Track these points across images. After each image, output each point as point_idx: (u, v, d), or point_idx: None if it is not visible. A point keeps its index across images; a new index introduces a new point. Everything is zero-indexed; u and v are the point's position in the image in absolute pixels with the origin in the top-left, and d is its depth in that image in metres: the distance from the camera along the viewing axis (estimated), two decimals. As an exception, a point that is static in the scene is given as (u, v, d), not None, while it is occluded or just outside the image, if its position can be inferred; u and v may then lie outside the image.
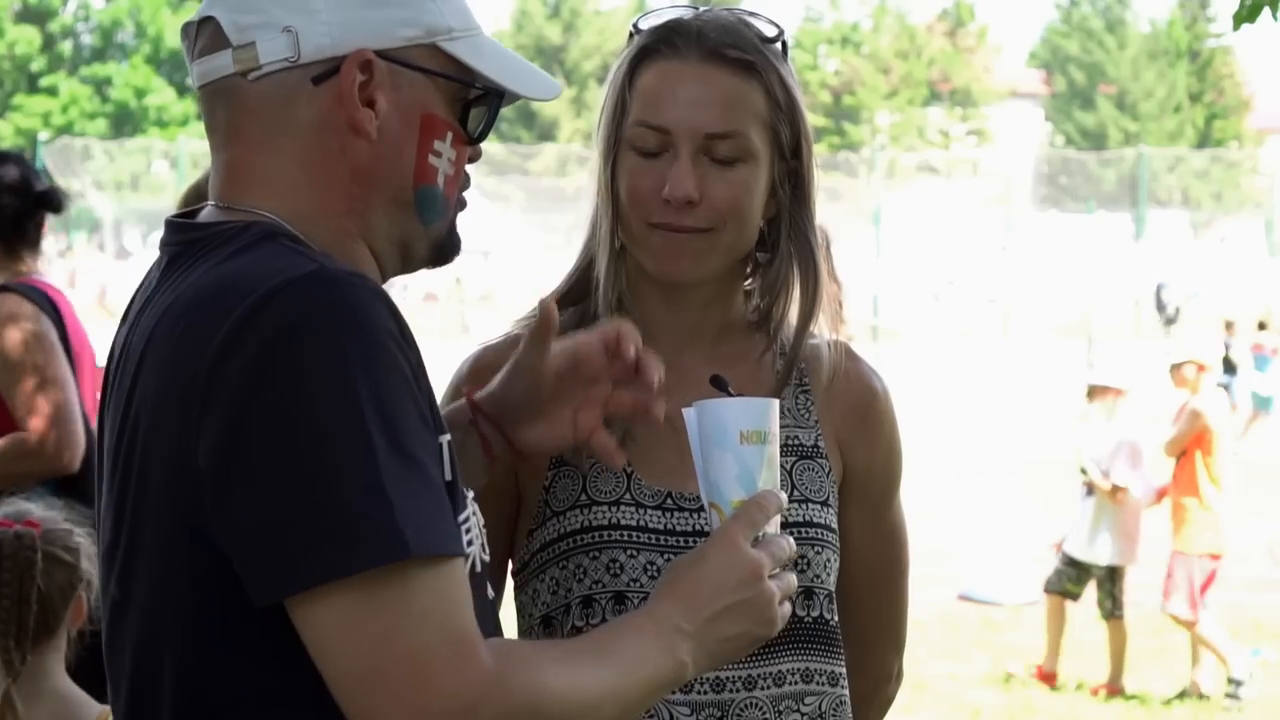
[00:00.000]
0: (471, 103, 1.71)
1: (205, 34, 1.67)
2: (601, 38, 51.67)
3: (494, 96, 1.72)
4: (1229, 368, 19.59)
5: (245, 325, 1.51)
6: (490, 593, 1.76)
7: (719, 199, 2.03)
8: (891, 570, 2.22)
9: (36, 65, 47.55)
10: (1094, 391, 8.45)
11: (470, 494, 1.71)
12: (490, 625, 1.68)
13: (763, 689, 2.05)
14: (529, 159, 40.34)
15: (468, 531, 1.64)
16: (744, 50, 2.05)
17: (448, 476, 1.59)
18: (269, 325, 1.51)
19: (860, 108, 51.66)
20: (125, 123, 46.83)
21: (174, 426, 1.54)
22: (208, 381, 1.52)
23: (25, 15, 48.05)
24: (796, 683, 2.07)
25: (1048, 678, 8.37)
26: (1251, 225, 43.10)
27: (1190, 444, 8.13)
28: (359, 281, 1.55)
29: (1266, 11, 3.37)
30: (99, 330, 6.80)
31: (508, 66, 1.72)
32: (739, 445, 1.72)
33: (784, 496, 1.74)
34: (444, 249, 1.75)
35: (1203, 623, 8.14)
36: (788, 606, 1.71)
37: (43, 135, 42.38)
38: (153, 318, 1.63)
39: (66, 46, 49.00)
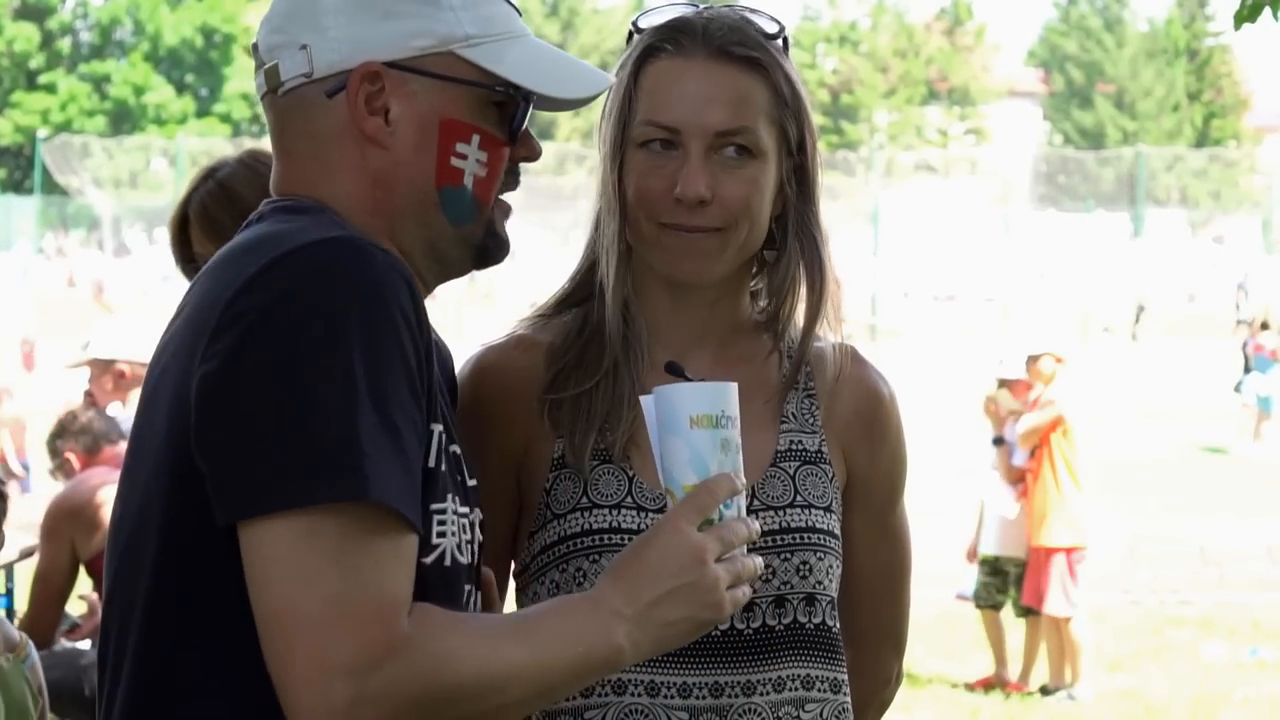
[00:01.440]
0: (503, 105, 1.76)
1: (257, 55, 1.78)
2: (600, 36, 51.66)
3: (522, 98, 1.76)
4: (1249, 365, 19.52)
5: (262, 274, 1.60)
6: (466, 591, 1.76)
7: (730, 198, 2.02)
8: (894, 574, 2.21)
9: (35, 62, 47.52)
10: (1003, 385, 8.43)
11: (455, 497, 1.72)
12: None
13: (762, 695, 2.03)
14: (527, 157, 40.14)
15: (441, 523, 1.67)
16: (750, 47, 2.05)
17: (431, 463, 1.64)
18: (284, 277, 1.59)
19: (858, 106, 51.65)
20: (124, 120, 46.79)
21: (185, 360, 1.63)
22: (218, 320, 1.60)
23: (24, 12, 48.01)
24: (797, 689, 2.06)
25: (1005, 684, 8.34)
26: (1249, 224, 43.09)
27: (1046, 437, 8.08)
28: (383, 256, 1.63)
29: (1267, 11, 3.36)
30: (95, 324, 6.78)
31: (536, 68, 1.76)
32: (689, 430, 1.72)
33: (742, 480, 1.73)
34: (485, 250, 1.80)
35: (1077, 620, 8.09)
36: (745, 590, 1.70)
37: (41, 132, 42.34)
38: (204, 269, 1.72)
39: (65, 44, 48.97)
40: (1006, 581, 8.24)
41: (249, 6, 48.87)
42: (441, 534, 1.66)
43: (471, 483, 1.77)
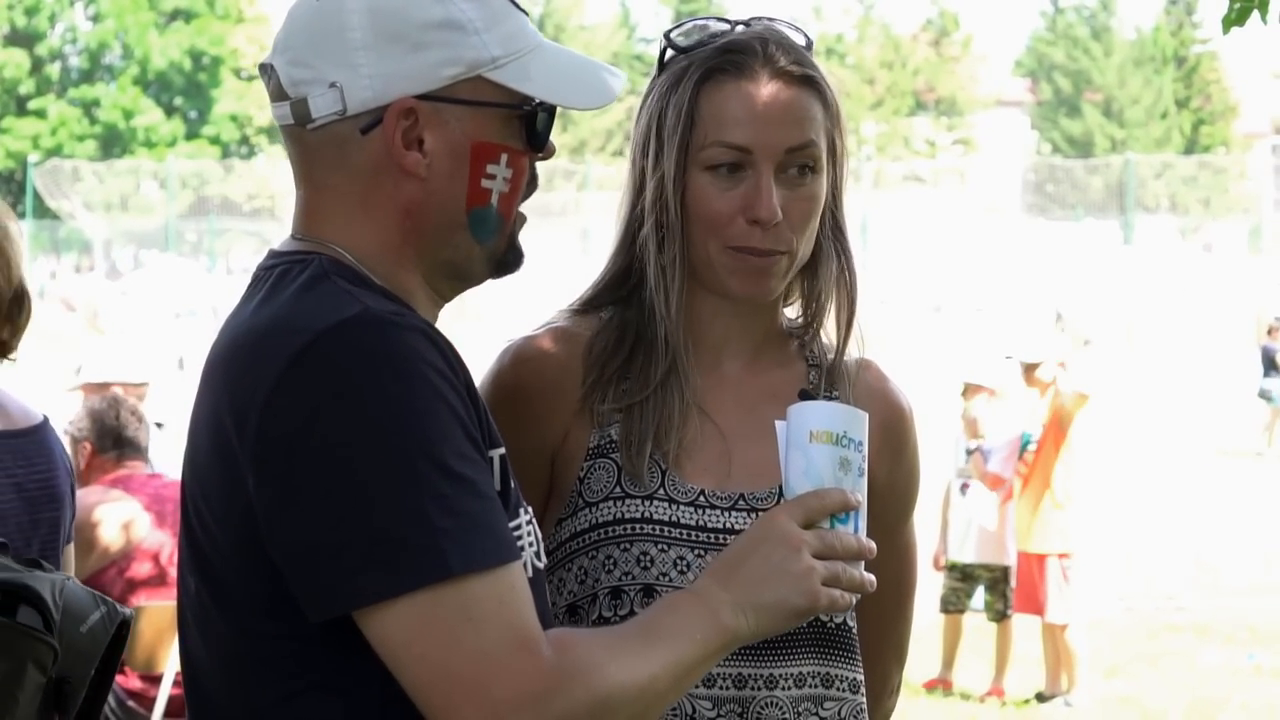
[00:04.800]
0: (528, 116, 1.78)
1: (272, 79, 1.78)
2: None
3: (545, 110, 1.79)
4: (1271, 369, 19.45)
5: (293, 367, 1.63)
6: (546, 595, 1.83)
7: (797, 217, 2.07)
8: (900, 587, 2.25)
9: (25, 88, 47.51)
10: (968, 390, 8.46)
11: (526, 506, 1.79)
12: (549, 624, 1.74)
13: (784, 689, 2.07)
14: (517, 174, 40.09)
15: (519, 539, 1.73)
16: (805, 65, 2.10)
17: (499, 487, 1.69)
18: (315, 368, 1.62)
19: (845, 118, 51.67)
20: (114, 144, 46.80)
21: (226, 455, 1.66)
22: (259, 421, 1.63)
23: (14, 39, 48.03)
24: (816, 686, 2.10)
25: (945, 685, 8.45)
26: (1239, 230, 43.14)
27: (1044, 440, 8.08)
28: (400, 319, 1.66)
29: (1255, 15, 3.37)
30: (91, 351, 6.78)
31: (558, 81, 1.79)
32: (808, 443, 1.77)
33: (858, 499, 1.76)
34: (504, 262, 1.84)
35: (1073, 627, 8.10)
36: (845, 596, 1.73)
37: (33, 158, 42.38)
38: (221, 344, 1.74)
39: (54, 69, 48.96)
40: (973, 587, 8.31)
41: (236, 29, 48.90)
42: (520, 548, 1.72)
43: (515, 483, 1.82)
